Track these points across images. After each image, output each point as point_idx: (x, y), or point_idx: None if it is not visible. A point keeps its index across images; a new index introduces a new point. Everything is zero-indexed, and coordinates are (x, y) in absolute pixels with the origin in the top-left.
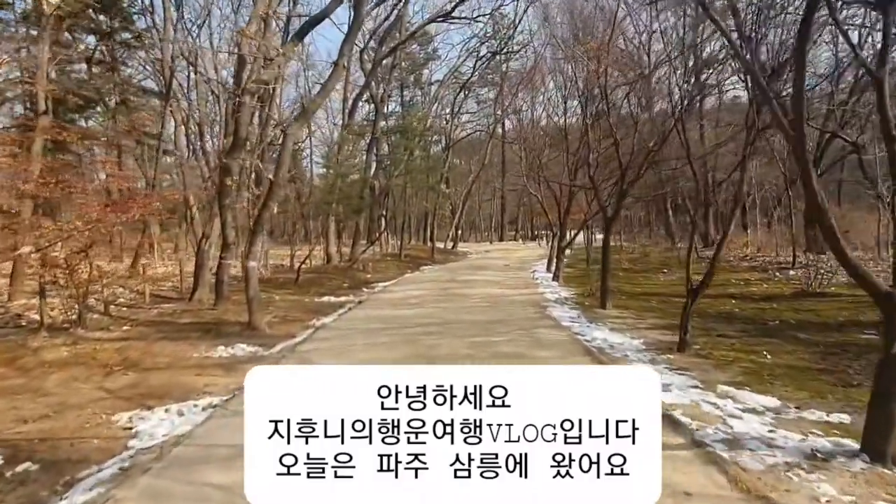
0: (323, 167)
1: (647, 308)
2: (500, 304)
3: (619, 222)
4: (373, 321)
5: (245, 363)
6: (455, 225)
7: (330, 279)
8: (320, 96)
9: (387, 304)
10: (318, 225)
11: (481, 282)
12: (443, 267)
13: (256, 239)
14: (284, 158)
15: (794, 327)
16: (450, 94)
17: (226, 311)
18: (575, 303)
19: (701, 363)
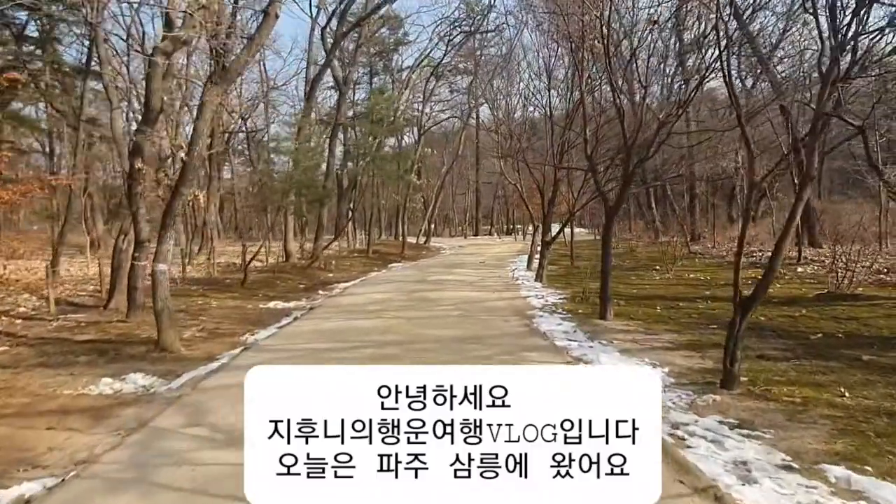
0: (274, 153)
1: (655, 317)
2: (477, 312)
3: (596, 214)
4: (318, 338)
5: (128, 405)
6: (428, 219)
7: (285, 279)
8: (247, 51)
9: (342, 311)
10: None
11: (454, 283)
12: (413, 264)
13: (166, 236)
14: (200, 131)
15: (846, 343)
16: (422, 82)
17: (139, 325)
18: (566, 311)
19: (764, 410)
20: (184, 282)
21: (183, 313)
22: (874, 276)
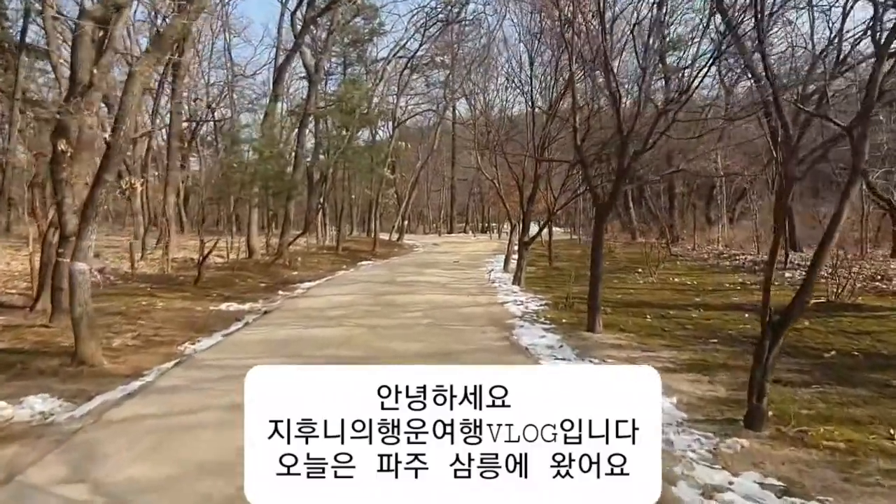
0: (234, 142)
1: (647, 328)
2: (449, 320)
3: (565, 215)
4: (264, 351)
5: (9, 443)
6: (401, 215)
7: (245, 277)
8: (184, 15)
9: (300, 317)
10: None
11: (426, 285)
12: (384, 263)
13: (87, 230)
14: (127, 107)
15: (866, 364)
16: (397, 74)
17: (64, 331)
18: (549, 320)
19: (808, 462)
20: (133, 279)
21: (120, 316)
22: (869, 282)
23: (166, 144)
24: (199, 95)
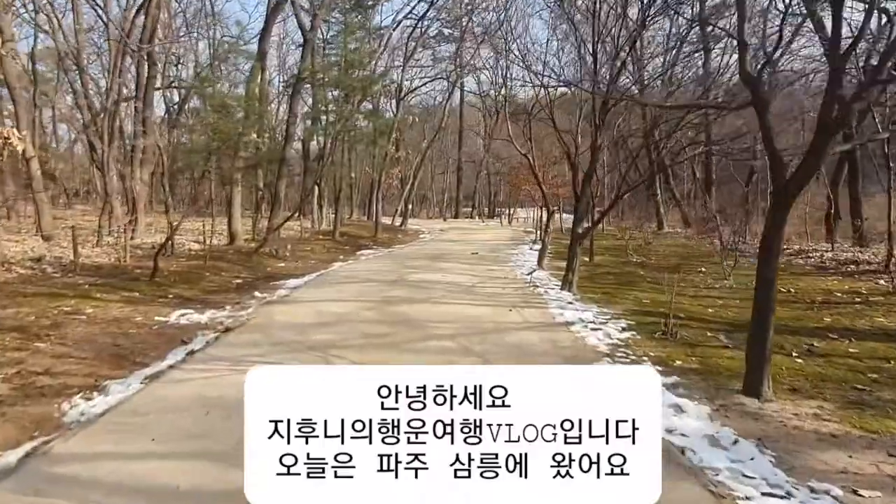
0: (199, 94)
1: (829, 382)
2: (499, 359)
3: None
4: (196, 424)
5: None
6: (405, 199)
7: (219, 270)
8: None
9: (271, 343)
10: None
11: (446, 287)
12: (388, 253)
13: None
14: None
15: None
16: (402, 45)
17: None
18: (657, 362)
19: None
20: (78, 271)
21: (16, 333)
22: None
23: (133, 110)
24: (182, 60)
